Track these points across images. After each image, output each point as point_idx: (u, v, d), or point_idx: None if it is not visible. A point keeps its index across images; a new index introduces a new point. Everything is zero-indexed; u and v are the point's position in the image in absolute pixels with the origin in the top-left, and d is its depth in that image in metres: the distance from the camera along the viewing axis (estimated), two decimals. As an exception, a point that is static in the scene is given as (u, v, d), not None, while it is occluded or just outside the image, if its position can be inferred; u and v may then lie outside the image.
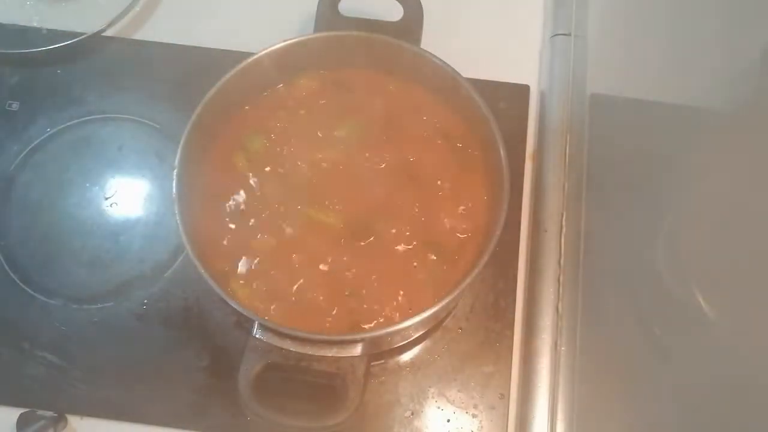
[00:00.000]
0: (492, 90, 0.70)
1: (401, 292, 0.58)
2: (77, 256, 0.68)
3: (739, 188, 0.42)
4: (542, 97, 0.75)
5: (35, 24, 0.77)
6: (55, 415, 0.61)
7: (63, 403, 0.63)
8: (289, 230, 0.60)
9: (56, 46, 0.75)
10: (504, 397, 0.63)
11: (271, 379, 0.53)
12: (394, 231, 0.60)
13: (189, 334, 0.65)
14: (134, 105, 0.74)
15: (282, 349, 0.53)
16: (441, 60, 0.62)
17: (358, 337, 0.54)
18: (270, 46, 0.62)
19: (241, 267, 0.59)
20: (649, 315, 0.53)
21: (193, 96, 0.73)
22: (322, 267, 0.59)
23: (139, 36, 0.78)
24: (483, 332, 0.65)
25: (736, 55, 0.44)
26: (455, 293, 0.54)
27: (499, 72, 0.74)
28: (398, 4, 0.66)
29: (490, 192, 0.61)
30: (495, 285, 0.67)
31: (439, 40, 0.66)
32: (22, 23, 0.77)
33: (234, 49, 0.75)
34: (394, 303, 0.58)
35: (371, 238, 0.60)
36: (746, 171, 0.41)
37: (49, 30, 0.76)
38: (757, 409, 0.37)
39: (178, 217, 0.56)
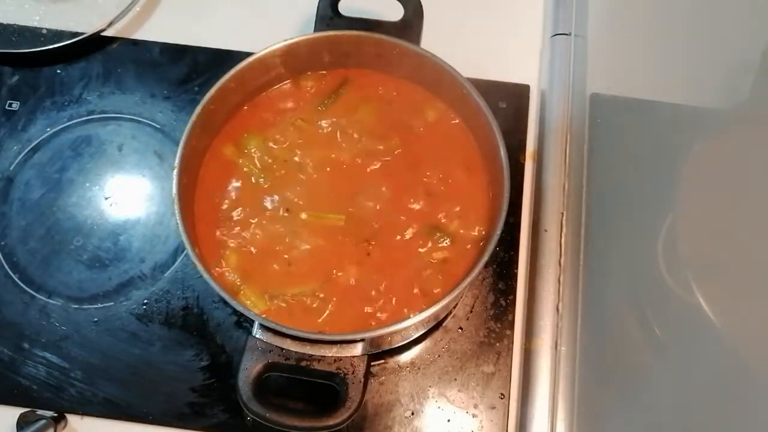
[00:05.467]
0: (492, 90, 0.71)
1: (401, 292, 0.58)
2: (77, 256, 0.68)
3: (739, 188, 0.42)
4: (542, 96, 0.75)
5: (35, 24, 0.77)
6: (55, 414, 0.61)
7: (63, 403, 0.63)
8: (290, 229, 0.60)
9: (56, 46, 0.75)
10: (504, 397, 0.63)
11: (271, 379, 0.53)
12: (394, 231, 0.60)
13: (189, 334, 0.65)
14: (134, 105, 0.75)
15: (282, 348, 0.53)
16: (441, 60, 0.62)
17: (358, 337, 0.54)
18: (270, 46, 0.62)
19: (242, 267, 0.59)
20: (649, 315, 0.53)
21: (193, 96, 0.74)
22: (322, 266, 0.59)
23: (139, 36, 0.78)
24: (483, 332, 0.65)
25: (736, 55, 0.44)
26: (455, 293, 0.54)
27: (499, 72, 0.74)
28: (398, 4, 0.66)
29: (490, 192, 0.61)
30: (495, 285, 0.67)
31: (439, 40, 0.66)
32: (22, 23, 0.77)
33: (234, 49, 0.75)
34: (394, 303, 0.58)
35: (372, 238, 0.60)
36: (746, 170, 0.41)
37: (49, 30, 0.76)
38: (757, 408, 0.37)
39: (178, 217, 0.56)
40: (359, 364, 0.53)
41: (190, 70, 0.76)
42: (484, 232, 0.60)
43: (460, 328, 0.65)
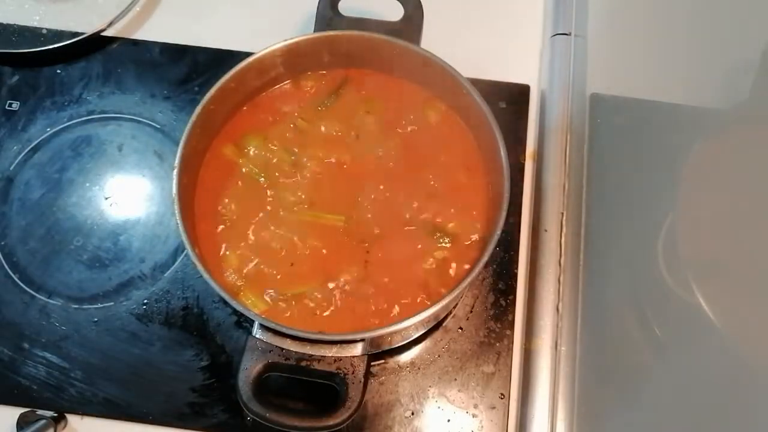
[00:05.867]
0: (492, 90, 0.71)
1: (401, 292, 0.58)
2: (77, 256, 0.68)
3: (739, 188, 0.42)
4: (542, 96, 0.75)
5: (35, 24, 0.77)
6: (55, 414, 0.61)
7: (63, 403, 0.63)
8: (290, 230, 0.60)
9: (56, 46, 0.75)
10: (504, 397, 0.63)
11: (271, 379, 0.53)
12: (394, 231, 0.60)
13: (189, 334, 0.65)
14: (134, 105, 0.75)
15: (282, 348, 0.53)
16: (441, 60, 0.62)
17: (358, 337, 0.54)
18: (270, 46, 0.62)
19: (242, 267, 0.59)
20: (649, 315, 0.53)
21: (193, 96, 0.74)
22: (322, 266, 0.59)
23: (139, 36, 0.78)
24: (483, 332, 0.65)
25: (735, 55, 0.44)
26: (455, 293, 0.54)
27: (499, 72, 0.74)
28: (398, 4, 0.66)
29: (490, 192, 0.61)
30: (495, 285, 0.67)
31: (439, 40, 0.66)
32: (22, 23, 0.77)
33: (234, 49, 0.75)
34: (394, 303, 0.58)
35: (372, 238, 0.60)
36: (746, 170, 0.41)
37: (49, 30, 0.76)
38: (757, 408, 0.37)
39: (178, 217, 0.56)
40: (359, 364, 0.53)
41: (190, 70, 0.76)
42: (484, 232, 0.60)
43: (460, 328, 0.65)
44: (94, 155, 0.73)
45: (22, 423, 0.60)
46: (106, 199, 0.71)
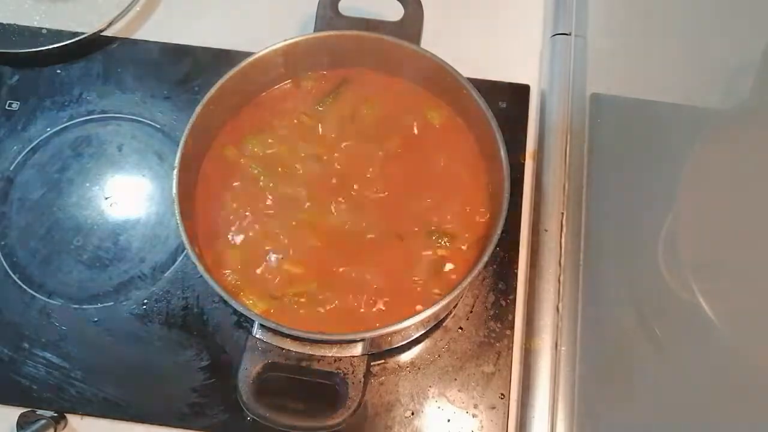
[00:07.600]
0: (492, 90, 0.71)
1: (401, 292, 0.58)
2: (77, 256, 0.68)
3: (740, 188, 0.42)
4: (542, 96, 0.75)
5: (35, 24, 0.77)
6: (55, 414, 0.61)
7: (63, 403, 0.63)
8: (290, 229, 0.60)
9: (56, 46, 0.75)
10: (504, 397, 0.63)
11: (271, 379, 0.53)
12: (394, 231, 0.60)
13: (189, 334, 0.65)
14: (134, 105, 0.74)
15: (282, 348, 0.53)
16: (441, 60, 0.62)
17: (358, 337, 0.54)
18: (270, 46, 0.62)
19: (242, 266, 0.59)
20: (649, 315, 0.53)
21: (193, 96, 0.74)
22: (322, 266, 0.59)
23: (139, 36, 0.78)
24: (483, 332, 0.65)
25: (736, 55, 0.44)
26: (455, 293, 0.54)
27: (499, 72, 0.74)
28: (398, 4, 0.66)
29: (490, 192, 0.61)
30: (495, 285, 0.67)
31: (439, 40, 0.66)
32: (22, 23, 0.77)
33: (234, 49, 0.75)
34: (394, 303, 0.58)
35: (372, 238, 0.60)
36: (746, 170, 0.41)
37: (49, 30, 0.76)
38: (757, 409, 0.37)
39: (178, 217, 0.56)
40: (359, 364, 0.53)
41: (190, 70, 0.76)
42: (484, 233, 0.60)
43: (460, 328, 0.65)
44: (94, 155, 0.73)
45: (22, 423, 0.60)
46: (106, 199, 0.71)
